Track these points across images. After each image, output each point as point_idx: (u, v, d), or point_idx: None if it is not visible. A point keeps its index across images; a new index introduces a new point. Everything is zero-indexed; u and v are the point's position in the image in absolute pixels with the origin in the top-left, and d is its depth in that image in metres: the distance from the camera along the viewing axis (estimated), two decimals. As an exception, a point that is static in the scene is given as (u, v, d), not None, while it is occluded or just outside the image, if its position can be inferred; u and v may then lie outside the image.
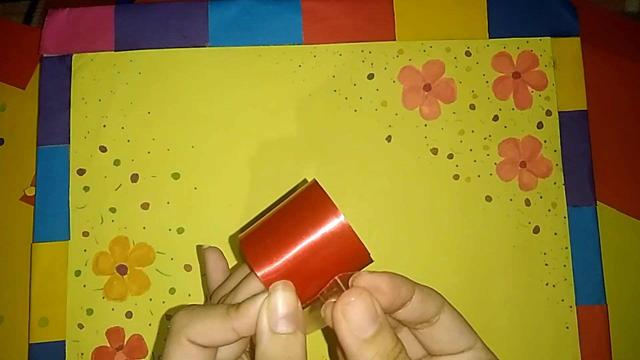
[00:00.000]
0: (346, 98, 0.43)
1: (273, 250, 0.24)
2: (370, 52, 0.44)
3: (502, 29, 0.44)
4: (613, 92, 0.46)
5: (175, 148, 0.42)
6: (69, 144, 0.42)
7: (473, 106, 0.44)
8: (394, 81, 0.44)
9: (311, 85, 0.43)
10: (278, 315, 0.23)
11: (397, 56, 0.44)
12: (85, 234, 0.41)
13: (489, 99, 0.44)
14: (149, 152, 0.42)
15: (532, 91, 0.44)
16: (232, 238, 0.41)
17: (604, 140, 0.45)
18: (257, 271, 0.24)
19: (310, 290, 0.25)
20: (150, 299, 0.41)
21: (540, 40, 0.45)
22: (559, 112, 0.44)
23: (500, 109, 0.44)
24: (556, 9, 0.45)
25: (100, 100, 0.43)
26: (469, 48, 0.44)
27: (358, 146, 0.43)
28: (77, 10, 0.44)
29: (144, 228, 0.41)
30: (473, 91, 0.44)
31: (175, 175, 0.42)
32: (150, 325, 0.40)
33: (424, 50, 0.44)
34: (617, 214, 0.44)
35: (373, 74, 0.44)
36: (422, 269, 0.42)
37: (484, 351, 0.26)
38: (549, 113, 0.44)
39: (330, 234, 0.24)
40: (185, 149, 0.42)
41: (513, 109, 0.44)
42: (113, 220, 0.41)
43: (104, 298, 0.41)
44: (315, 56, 0.44)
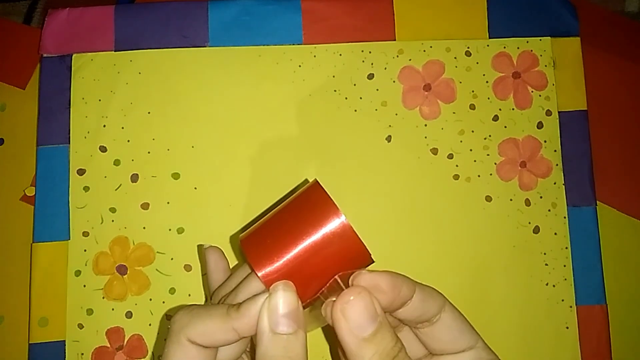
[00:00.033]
0: (346, 98, 0.43)
1: (274, 250, 0.24)
2: (370, 52, 0.44)
3: (502, 29, 0.44)
4: (613, 92, 0.46)
5: (175, 148, 0.42)
6: (69, 144, 0.42)
7: (473, 106, 0.44)
8: (394, 81, 0.44)
9: (311, 85, 0.43)
10: (279, 315, 0.23)
11: (397, 56, 0.44)
12: (85, 234, 0.41)
13: (489, 99, 0.44)
14: (149, 152, 0.42)
15: (532, 91, 0.44)
16: (233, 238, 0.41)
17: (604, 140, 0.45)
18: (258, 271, 0.24)
19: (311, 290, 0.25)
20: (150, 299, 0.41)
21: (540, 40, 0.45)
22: (559, 112, 0.44)
23: (500, 109, 0.44)
24: (556, 9, 0.45)
25: (100, 100, 0.43)
26: (469, 48, 0.44)
27: (358, 146, 0.43)
28: (77, 10, 0.44)
29: (144, 228, 0.41)
30: (473, 91, 0.44)
31: (175, 175, 0.42)
32: (150, 325, 0.40)
33: (424, 50, 0.44)
34: (617, 214, 0.44)
35: (373, 74, 0.44)
36: (422, 269, 0.42)
37: (485, 351, 0.26)
38: (549, 113, 0.44)
39: (331, 235, 0.24)
40: (185, 149, 0.42)
41: (513, 109, 0.44)
42: (113, 220, 0.41)
43: (104, 298, 0.41)
44: (315, 56, 0.44)
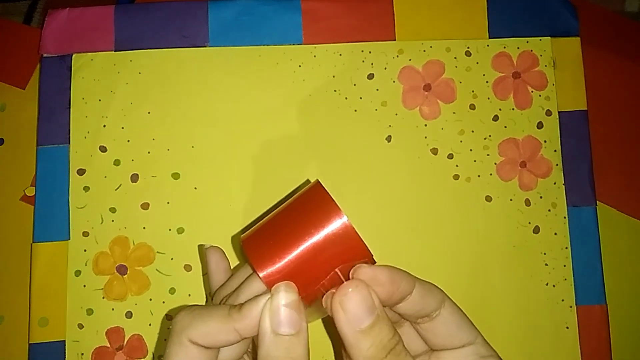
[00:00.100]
0: (346, 98, 0.43)
1: (275, 251, 0.24)
2: (370, 52, 0.44)
3: (502, 29, 0.44)
4: (613, 92, 0.46)
5: (175, 148, 0.42)
6: (69, 144, 0.42)
7: (473, 106, 0.44)
8: (394, 81, 0.44)
9: (311, 85, 0.43)
10: (280, 316, 0.23)
11: (397, 56, 0.44)
12: (85, 234, 0.41)
13: (489, 99, 0.44)
14: (149, 152, 0.42)
15: (532, 91, 0.44)
16: (233, 238, 0.41)
17: (604, 140, 0.45)
18: (260, 272, 0.24)
19: (313, 291, 0.25)
20: (150, 299, 0.41)
21: (540, 40, 0.45)
22: (559, 112, 0.44)
23: (500, 109, 0.44)
24: (556, 9, 0.45)
25: (100, 100, 0.43)
26: (469, 48, 0.44)
27: (358, 146, 0.43)
28: (77, 10, 0.44)
29: (144, 228, 0.41)
30: (473, 91, 0.44)
31: (175, 175, 0.42)
32: (150, 325, 0.40)
33: (424, 50, 0.44)
34: (617, 214, 0.44)
35: (373, 74, 0.44)
36: (422, 268, 0.41)
37: (484, 346, 0.27)
38: (549, 113, 0.44)
39: (333, 235, 0.24)
40: (185, 149, 0.42)
41: (513, 109, 0.44)
42: (113, 220, 0.41)
43: (104, 298, 0.41)
44: (315, 56, 0.44)
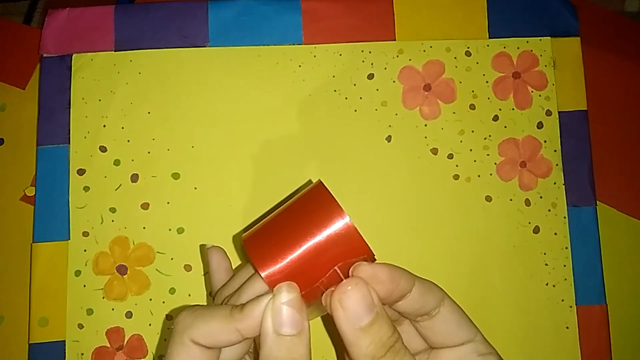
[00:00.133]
0: (346, 98, 0.43)
1: (277, 250, 0.24)
2: (370, 52, 0.44)
3: (502, 29, 0.44)
4: (613, 92, 0.46)
5: (175, 148, 0.42)
6: (69, 144, 0.42)
7: (473, 106, 0.44)
8: (394, 81, 0.44)
9: (311, 85, 0.43)
10: (282, 316, 0.23)
11: (397, 56, 0.44)
12: (85, 234, 0.41)
13: (489, 99, 0.44)
14: (149, 152, 0.42)
15: (532, 91, 0.44)
16: (234, 237, 0.41)
17: (604, 140, 0.45)
18: (262, 271, 0.24)
19: (315, 290, 0.25)
20: (150, 299, 0.41)
21: (540, 40, 0.45)
22: (559, 112, 0.44)
23: (500, 109, 0.44)
24: (556, 9, 0.45)
25: (100, 100, 0.43)
26: (469, 48, 0.44)
27: (358, 146, 0.43)
28: (77, 10, 0.44)
29: (144, 228, 0.41)
30: (473, 91, 0.44)
31: (175, 175, 0.42)
32: (150, 325, 0.40)
33: (424, 50, 0.44)
34: (617, 214, 0.44)
35: (373, 74, 0.44)
36: (422, 268, 0.41)
37: (483, 344, 0.27)
38: (549, 113, 0.44)
39: (335, 236, 0.24)
40: (185, 149, 0.42)
41: (513, 109, 0.44)
42: (113, 220, 0.41)
43: (104, 298, 0.41)
44: (315, 56, 0.44)
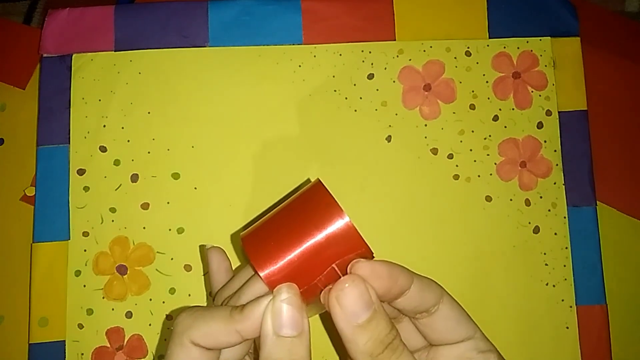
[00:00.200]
0: (346, 98, 0.43)
1: (276, 250, 0.24)
2: (370, 52, 0.44)
3: (502, 29, 0.44)
4: (613, 92, 0.46)
5: (175, 148, 0.42)
6: (69, 144, 0.42)
7: (473, 106, 0.44)
8: (394, 81, 0.44)
9: (311, 85, 0.43)
10: (282, 317, 0.23)
11: (397, 56, 0.44)
12: (85, 234, 0.41)
13: (489, 99, 0.44)
14: (149, 152, 0.42)
15: (532, 91, 0.44)
16: (234, 238, 0.41)
17: (604, 140, 0.45)
18: (261, 271, 0.24)
19: (314, 290, 0.25)
20: (150, 299, 0.41)
21: (540, 40, 0.45)
22: (559, 112, 0.44)
23: (500, 109, 0.44)
24: (556, 9, 0.45)
25: (100, 100, 0.43)
26: (469, 48, 0.44)
27: (358, 146, 0.43)
28: (77, 10, 0.44)
29: (144, 228, 0.41)
30: (473, 91, 0.44)
31: (175, 175, 0.42)
32: (150, 325, 0.40)
33: (424, 50, 0.44)
34: (617, 214, 0.44)
35: (373, 74, 0.44)
36: (422, 268, 0.41)
37: (483, 341, 0.27)
38: (549, 113, 0.44)
39: (335, 236, 0.24)
40: (185, 149, 0.42)
41: (513, 109, 0.44)
42: (113, 220, 0.41)
43: (104, 298, 0.41)
44: (315, 56, 0.44)
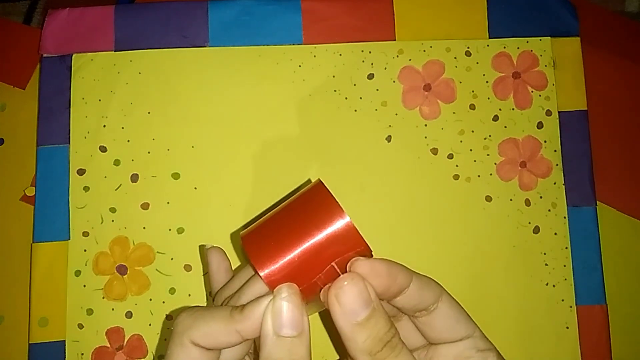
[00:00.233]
0: (346, 98, 0.43)
1: (276, 250, 0.24)
2: (370, 52, 0.44)
3: (502, 29, 0.44)
4: (613, 92, 0.46)
5: (175, 148, 0.42)
6: (69, 144, 0.42)
7: (473, 106, 0.44)
8: (394, 81, 0.44)
9: (311, 85, 0.43)
10: (283, 318, 0.23)
11: (397, 56, 0.44)
12: (85, 234, 0.41)
13: (489, 99, 0.44)
14: (149, 152, 0.42)
15: (532, 91, 0.44)
16: (234, 237, 0.41)
17: (604, 140, 0.45)
18: (261, 271, 0.24)
19: (314, 289, 0.25)
20: (150, 299, 0.41)
21: (540, 40, 0.45)
22: (559, 112, 0.44)
23: (500, 109, 0.44)
24: (556, 9, 0.45)
25: (100, 100, 0.43)
26: (469, 48, 0.44)
27: (358, 146, 0.43)
28: (77, 10, 0.44)
29: (144, 228, 0.41)
30: (473, 91, 0.44)
31: (175, 175, 0.42)
32: (150, 325, 0.40)
33: (424, 50, 0.44)
34: (617, 214, 0.44)
35: (373, 74, 0.44)
36: (422, 268, 0.41)
37: (482, 340, 0.27)
38: (549, 113, 0.44)
39: (334, 235, 0.24)
40: (185, 149, 0.42)
41: (513, 109, 0.44)
42: (113, 220, 0.41)
43: (104, 298, 0.41)
44: (315, 56, 0.44)
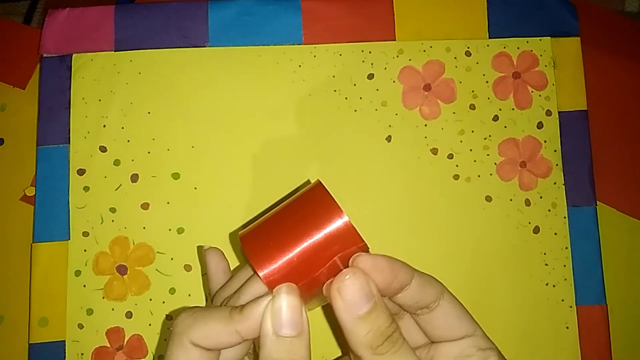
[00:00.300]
0: (346, 98, 0.43)
1: (275, 250, 0.24)
2: (370, 52, 0.44)
3: (502, 29, 0.44)
4: (613, 92, 0.46)
5: (175, 148, 0.42)
6: (69, 144, 0.42)
7: (473, 106, 0.44)
8: (394, 81, 0.44)
9: (311, 85, 0.43)
10: (282, 318, 0.23)
11: (397, 56, 0.44)
12: (85, 234, 0.41)
13: (489, 99, 0.44)
14: (149, 152, 0.42)
15: (532, 91, 0.44)
16: (234, 237, 0.41)
17: (604, 140, 0.45)
18: (260, 271, 0.24)
19: (313, 290, 0.25)
20: (150, 299, 0.41)
21: (540, 40, 0.45)
22: (559, 112, 0.44)
23: (500, 109, 0.44)
24: (556, 9, 0.45)
25: (100, 100, 0.43)
26: (469, 48, 0.44)
27: (358, 146, 0.43)
28: (77, 10, 0.44)
29: (144, 228, 0.41)
30: (473, 91, 0.44)
31: (175, 175, 0.42)
32: (150, 325, 0.40)
33: (424, 50, 0.44)
34: (617, 214, 0.44)
35: (373, 74, 0.44)
36: (422, 268, 0.41)
37: (483, 339, 0.27)
38: (549, 113, 0.44)
39: (333, 234, 0.24)
40: (185, 149, 0.42)
41: (513, 109, 0.44)
42: (113, 220, 0.41)
43: (104, 298, 0.41)
44: (315, 56, 0.44)
